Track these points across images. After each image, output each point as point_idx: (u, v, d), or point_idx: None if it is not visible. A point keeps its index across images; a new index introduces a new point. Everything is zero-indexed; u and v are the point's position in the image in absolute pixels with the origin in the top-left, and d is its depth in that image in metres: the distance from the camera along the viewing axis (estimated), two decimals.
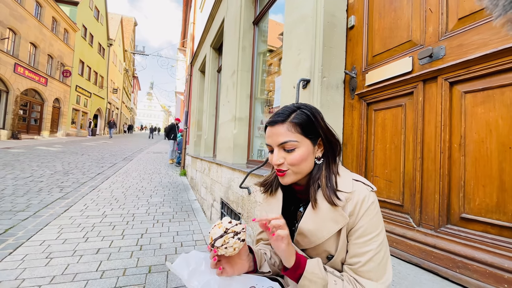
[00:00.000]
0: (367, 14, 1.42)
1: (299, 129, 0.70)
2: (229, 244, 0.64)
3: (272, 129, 0.72)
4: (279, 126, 0.71)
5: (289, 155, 0.70)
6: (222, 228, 0.65)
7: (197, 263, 0.69)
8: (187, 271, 0.67)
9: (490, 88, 0.86)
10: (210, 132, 5.03)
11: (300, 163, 0.70)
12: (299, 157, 0.69)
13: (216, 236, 0.65)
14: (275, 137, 0.71)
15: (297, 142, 0.70)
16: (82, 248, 2.46)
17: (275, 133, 0.72)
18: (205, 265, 0.69)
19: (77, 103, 19.91)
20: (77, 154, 9.11)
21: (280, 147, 0.71)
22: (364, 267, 0.64)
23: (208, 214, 3.73)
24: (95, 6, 22.44)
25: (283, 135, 0.70)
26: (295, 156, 0.69)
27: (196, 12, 8.32)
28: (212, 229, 0.67)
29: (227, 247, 0.64)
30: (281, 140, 0.70)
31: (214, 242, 0.64)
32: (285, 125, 0.70)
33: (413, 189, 1.08)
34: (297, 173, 0.72)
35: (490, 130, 0.85)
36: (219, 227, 0.66)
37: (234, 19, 3.25)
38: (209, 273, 0.68)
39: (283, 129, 0.70)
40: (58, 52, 16.87)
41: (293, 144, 0.69)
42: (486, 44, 0.87)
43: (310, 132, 0.71)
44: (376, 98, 1.30)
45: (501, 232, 0.81)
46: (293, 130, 0.70)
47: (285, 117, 0.71)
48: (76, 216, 3.34)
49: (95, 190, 4.73)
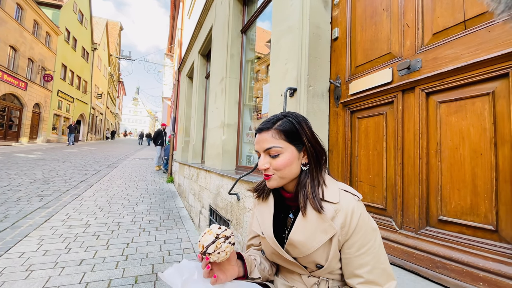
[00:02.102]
0: (350, 27, 1.49)
1: (283, 135, 0.74)
2: (221, 249, 0.66)
3: (259, 136, 0.77)
4: (265, 133, 0.76)
5: (274, 161, 0.74)
6: (213, 234, 0.67)
7: (190, 273, 0.70)
8: (180, 280, 0.67)
9: (462, 99, 0.93)
10: (198, 138, 5.01)
11: (283, 168, 0.73)
12: (283, 163, 0.73)
13: (207, 243, 0.66)
14: (261, 143, 0.76)
15: (281, 148, 0.73)
16: (64, 260, 2.37)
17: (261, 139, 0.76)
18: (198, 274, 0.70)
19: (58, 108, 19.25)
20: (58, 161, 8.77)
21: (266, 153, 0.76)
22: (371, 276, 0.66)
23: (197, 222, 3.68)
24: (79, 10, 21.99)
25: (268, 141, 0.74)
26: (279, 161, 0.73)
27: (184, 19, 8.33)
28: (202, 237, 0.68)
29: (220, 252, 0.66)
30: (266, 146, 0.74)
31: (207, 249, 0.65)
32: (270, 132, 0.75)
33: (395, 194, 1.13)
34: (282, 177, 0.75)
35: (463, 138, 0.92)
36: (210, 234, 0.68)
37: (222, 27, 3.29)
38: (203, 281, 0.68)
39: (268, 135, 0.75)
40: (39, 56, 16.34)
41: (276, 150, 0.73)
42: (458, 58, 0.94)
43: (294, 139, 0.75)
44: (359, 107, 1.36)
45: (475, 233, 0.87)
46: (277, 136, 0.74)
47: (270, 124, 0.76)
48: (58, 226, 3.21)
49: (77, 199, 4.57)
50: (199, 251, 0.67)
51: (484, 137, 0.86)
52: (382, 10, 1.29)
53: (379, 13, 1.31)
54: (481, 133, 0.87)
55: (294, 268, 0.78)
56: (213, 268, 0.70)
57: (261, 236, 0.83)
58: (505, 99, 0.81)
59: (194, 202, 3.96)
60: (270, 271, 0.86)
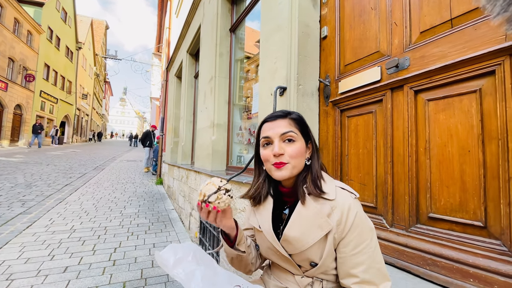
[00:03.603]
0: (338, 26, 1.49)
1: (297, 125, 0.77)
2: (222, 199, 0.70)
3: (273, 123, 0.77)
4: (280, 120, 0.77)
5: (288, 147, 0.74)
6: (216, 186, 0.71)
7: (184, 253, 0.72)
8: (173, 259, 0.69)
9: (450, 96, 0.94)
10: (187, 139, 4.93)
11: (298, 155, 0.74)
12: (298, 150, 0.74)
13: (210, 192, 0.70)
14: (277, 129, 0.75)
15: (296, 135, 0.75)
16: (47, 267, 2.27)
17: (276, 125, 0.76)
18: (193, 256, 0.71)
19: (41, 110, 18.57)
20: (41, 164, 8.46)
21: (281, 138, 0.75)
22: (366, 275, 0.65)
23: (187, 224, 3.62)
24: (63, 8, 21.29)
25: (285, 127, 0.75)
26: (294, 147, 0.74)
27: (172, 18, 8.20)
28: (205, 186, 0.72)
29: (220, 202, 0.70)
30: (283, 130, 0.75)
31: (208, 198, 0.69)
32: (286, 120, 0.77)
33: (385, 192, 1.13)
34: (294, 167, 0.74)
35: (451, 135, 0.92)
36: (212, 185, 0.71)
37: (210, 26, 3.25)
38: (196, 264, 0.70)
39: (285, 122, 0.77)
40: (21, 55, 15.71)
41: (293, 135, 0.74)
42: (445, 56, 0.95)
43: (304, 132, 0.78)
44: (349, 105, 1.36)
45: (464, 230, 0.87)
46: (293, 124, 0.77)
47: (285, 114, 0.78)
48: (41, 232, 3.08)
49: (62, 203, 4.41)
50: (199, 199, 0.71)
51: (472, 134, 0.86)
52: (370, 9, 1.29)
53: (367, 12, 1.31)
54: (468, 131, 0.88)
55: (288, 267, 0.77)
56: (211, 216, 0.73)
57: (257, 230, 0.82)
58: (492, 96, 0.82)
59: (184, 204, 3.89)
60: (254, 259, 0.86)
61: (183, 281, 0.66)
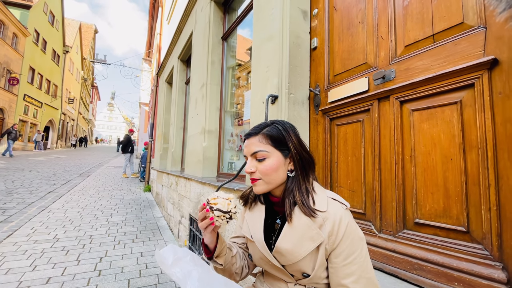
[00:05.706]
0: (328, 37, 1.54)
1: (269, 141, 0.76)
2: (223, 220, 0.72)
3: (248, 141, 0.80)
4: (252, 137, 0.79)
5: (260, 164, 0.76)
6: (228, 208, 0.72)
7: (183, 255, 0.73)
8: (172, 258, 0.71)
9: (433, 107, 0.98)
10: (177, 145, 4.88)
11: (270, 172, 0.74)
12: (269, 167, 0.74)
13: (221, 208, 0.71)
14: (249, 147, 0.78)
15: (267, 152, 0.75)
16: (29, 279, 2.17)
17: (249, 143, 0.79)
18: (191, 258, 0.72)
19: (25, 114, 17.96)
20: (23, 170, 8.14)
21: (253, 157, 0.77)
22: (357, 286, 0.66)
23: (176, 232, 3.56)
24: (50, 11, 20.93)
25: (255, 145, 0.77)
26: (265, 165, 0.75)
27: (163, 24, 8.21)
28: (223, 199, 0.73)
29: (220, 220, 0.72)
30: (253, 150, 0.77)
31: (215, 210, 0.71)
32: (257, 137, 0.78)
33: (374, 198, 1.17)
34: (268, 182, 0.76)
35: (434, 144, 0.97)
36: (228, 205, 0.73)
37: (202, 34, 3.28)
38: (194, 265, 0.70)
39: (256, 140, 0.78)
40: (4, 58, 15.25)
41: (263, 154, 0.75)
42: (428, 69, 1.00)
43: (280, 144, 0.77)
44: (338, 114, 1.40)
45: (448, 234, 0.91)
46: (264, 141, 0.77)
47: (258, 130, 0.79)
48: (22, 242, 2.95)
49: (45, 211, 4.25)
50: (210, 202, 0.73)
51: (454, 143, 0.91)
52: (358, 22, 1.35)
53: (355, 25, 1.36)
54: (450, 140, 0.92)
55: (281, 275, 0.78)
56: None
57: (249, 240, 0.83)
58: (472, 107, 0.87)
59: (173, 211, 3.83)
60: (239, 270, 0.86)
61: (180, 280, 0.67)
